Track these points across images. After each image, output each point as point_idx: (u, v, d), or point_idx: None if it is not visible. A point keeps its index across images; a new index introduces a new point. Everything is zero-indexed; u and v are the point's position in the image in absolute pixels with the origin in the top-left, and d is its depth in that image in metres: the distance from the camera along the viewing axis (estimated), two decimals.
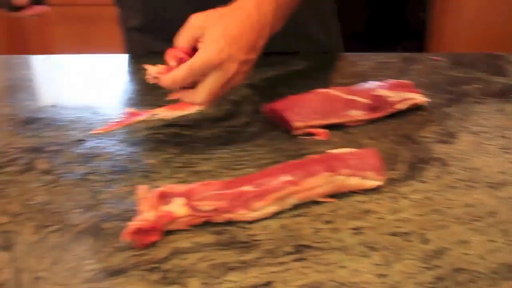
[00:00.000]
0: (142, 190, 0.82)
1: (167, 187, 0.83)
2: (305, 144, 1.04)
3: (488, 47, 3.16)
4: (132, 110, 1.01)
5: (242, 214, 0.83)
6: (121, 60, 1.36)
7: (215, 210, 0.83)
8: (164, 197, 0.82)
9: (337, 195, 0.90)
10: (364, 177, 0.90)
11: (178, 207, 0.81)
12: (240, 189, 0.84)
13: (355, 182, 0.90)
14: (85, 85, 1.25)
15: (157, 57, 1.06)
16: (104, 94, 1.21)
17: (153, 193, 0.82)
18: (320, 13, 1.49)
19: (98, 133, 1.01)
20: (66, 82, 1.27)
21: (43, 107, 1.14)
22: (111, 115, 1.12)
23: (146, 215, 0.80)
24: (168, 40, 1.04)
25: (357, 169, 0.90)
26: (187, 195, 0.83)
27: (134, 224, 0.79)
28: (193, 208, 0.82)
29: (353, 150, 0.94)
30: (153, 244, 0.79)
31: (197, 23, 1.01)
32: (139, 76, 1.28)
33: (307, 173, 0.87)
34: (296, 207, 0.87)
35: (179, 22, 1.07)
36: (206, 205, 0.82)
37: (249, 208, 0.83)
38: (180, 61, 0.97)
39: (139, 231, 0.78)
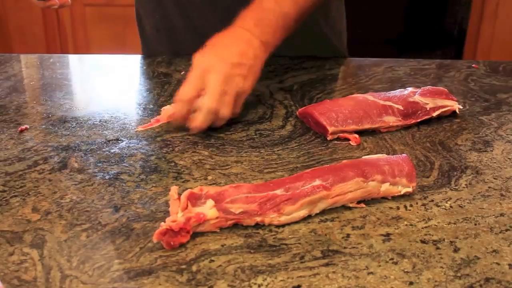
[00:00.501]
0: (173, 191, 0.83)
1: (198, 188, 0.83)
2: (338, 149, 1.03)
3: None
4: (169, 108, 1.03)
5: (272, 217, 0.83)
6: (152, 61, 1.37)
7: (245, 212, 0.83)
8: (195, 199, 0.82)
9: (368, 201, 0.89)
10: (395, 184, 0.90)
11: (208, 209, 0.81)
12: (271, 193, 0.84)
13: (386, 188, 0.90)
14: (119, 85, 1.26)
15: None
16: (137, 94, 1.22)
17: (184, 194, 0.82)
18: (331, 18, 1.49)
19: (141, 130, 1.03)
20: (101, 82, 1.28)
21: (77, 107, 1.15)
22: (143, 115, 1.13)
23: (176, 216, 0.80)
24: (181, 41, 1.06)
25: (389, 175, 0.90)
26: (217, 197, 0.83)
27: (164, 225, 0.79)
28: (223, 211, 0.82)
29: (385, 156, 0.94)
30: (182, 245, 0.80)
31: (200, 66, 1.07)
32: (163, 78, 1.28)
33: (339, 178, 0.87)
34: (325, 212, 0.87)
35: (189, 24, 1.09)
36: (236, 208, 0.82)
37: (280, 211, 0.83)
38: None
39: (169, 232, 0.79)
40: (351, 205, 0.88)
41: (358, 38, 2.01)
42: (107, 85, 1.26)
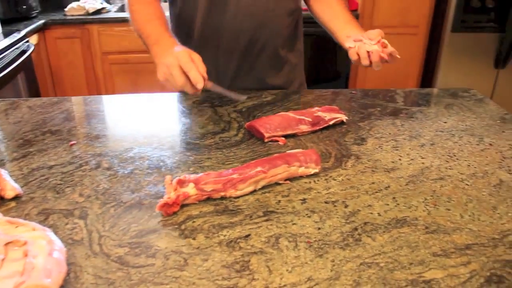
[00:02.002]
0: (168, 179, 0.82)
1: (183, 176, 0.83)
2: (271, 147, 1.03)
3: (385, 84, 3.20)
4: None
5: (231, 192, 0.83)
6: (157, 98, 1.36)
7: (214, 190, 0.82)
8: (181, 183, 0.82)
9: (291, 179, 0.90)
10: (308, 167, 0.90)
11: (190, 189, 0.81)
12: (230, 177, 0.84)
13: (302, 170, 0.90)
14: (132, 114, 1.24)
15: None
16: (143, 118, 1.21)
17: (174, 180, 0.82)
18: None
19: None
20: (121, 112, 1.27)
21: (106, 128, 1.14)
22: (147, 132, 1.11)
23: (170, 195, 0.79)
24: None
25: (303, 162, 0.90)
26: (196, 181, 0.82)
27: (162, 200, 0.78)
28: (200, 190, 0.81)
29: (301, 150, 0.94)
30: (174, 213, 0.79)
31: None
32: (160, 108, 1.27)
33: (272, 165, 0.87)
34: (265, 187, 0.87)
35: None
36: (208, 187, 0.82)
37: (236, 188, 0.83)
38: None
39: (166, 205, 0.78)
40: (280, 182, 0.88)
41: None
42: (124, 114, 1.25)
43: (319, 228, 0.75)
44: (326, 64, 3.33)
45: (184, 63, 1.02)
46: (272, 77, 1.43)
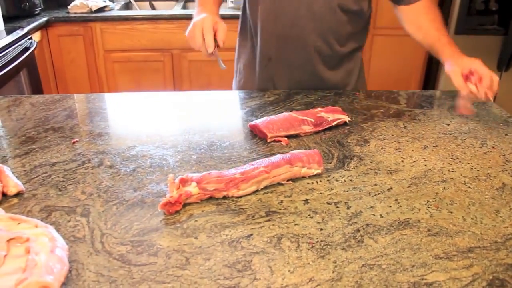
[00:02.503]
0: (170, 177, 0.82)
1: (186, 175, 0.83)
2: (274, 147, 1.03)
3: (387, 86, 3.19)
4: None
5: (233, 192, 0.83)
6: (160, 96, 1.36)
7: (216, 189, 0.82)
8: (184, 182, 0.82)
9: (293, 179, 0.90)
10: (310, 168, 0.90)
11: (192, 188, 0.81)
12: (232, 176, 0.84)
13: (305, 171, 0.90)
14: (134, 112, 1.25)
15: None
16: (144, 116, 1.21)
17: (177, 179, 0.82)
18: None
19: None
20: (123, 110, 1.27)
21: (109, 126, 1.14)
22: (149, 130, 1.11)
23: (172, 193, 0.79)
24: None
25: (306, 163, 0.90)
26: (198, 180, 0.82)
27: (165, 199, 0.78)
28: (202, 189, 0.81)
29: (304, 150, 0.94)
30: (177, 212, 0.79)
31: None
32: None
33: (274, 165, 0.87)
34: (267, 187, 0.87)
35: None
36: (210, 186, 0.82)
37: (238, 188, 0.83)
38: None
39: (168, 204, 0.78)
40: (283, 182, 0.88)
41: None
42: (127, 112, 1.25)
43: (321, 229, 0.75)
44: None
45: (206, 27, 1.13)
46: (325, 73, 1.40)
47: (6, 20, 2.64)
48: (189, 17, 2.40)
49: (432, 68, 3.25)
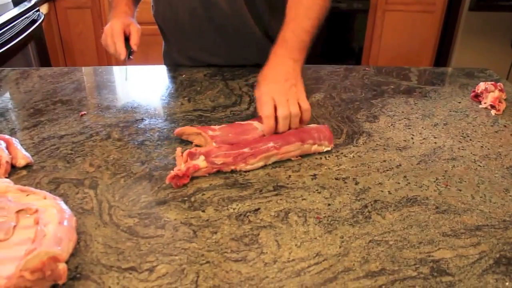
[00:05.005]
0: (178, 150, 0.82)
1: (194, 149, 0.83)
2: None
3: (398, 62, 3.16)
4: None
5: (241, 166, 0.83)
6: (168, 70, 1.35)
7: (224, 163, 0.82)
8: (192, 155, 0.82)
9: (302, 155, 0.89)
10: (321, 145, 0.90)
11: (200, 161, 0.81)
12: (241, 151, 0.84)
13: (315, 148, 0.90)
14: (144, 85, 1.24)
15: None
16: (155, 90, 1.21)
17: (185, 152, 0.82)
18: None
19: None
20: (132, 83, 1.26)
21: (117, 99, 1.14)
22: (160, 103, 1.11)
23: (180, 167, 0.79)
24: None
25: (317, 140, 0.89)
26: (206, 154, 0.82)
27: (172, 172, 0.79)
28: (210, 162, 0.82)
29: (315, 126, 0.93)
30: (184, 185, 0.79)
31: None
32: (173, 79, 1.27)
33: (285, 142, 0.87)
34: (275, 162, 0.87)
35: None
36: (218, 160, 0.82)
37: (246, 162, 0.83)
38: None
39: (176, 177, 0.78)
40: (293, 159, 0.88)
41: None
42: (136, 85, 1.24)
43: (329, 204, 0.75)
44: (339, 39, 3.30)
45: (115, 33, 1.08)
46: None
47: None
48: None
49: (444, 45, 3.20)
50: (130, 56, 1.10)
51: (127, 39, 1.12)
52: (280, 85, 0.92)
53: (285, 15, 1.03)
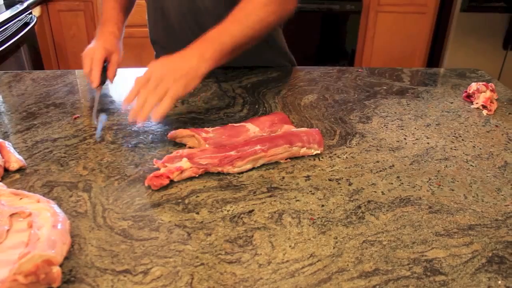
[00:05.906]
0: (156, 163, 0.82)
1: (176, 152, 0.84)
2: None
3: (391, 63, 3.17)
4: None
5: (228, 168, 0.83)
6: None
7: (209, 164, 0.82)
8: (172, 159, 0.82)
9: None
10: (310, 148, 0.90)
11: (184, 163, 0.81)
12: (227, 154, 0.83)
13: (304, 151, 0.90)
14: None
15: None
16: None
17: (165, 158, 0.83)
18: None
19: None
20: (125, 86, 1.26)
21: (110, 102, 1.14)
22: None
23: (161, 170, 0.80)
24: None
25: (306, 143, 0.89)
26: (189, 156, 0.82)
27: (151, 174, 0.79)
28: (195, 163, 0.81)
29: (305, 129, 0.93)
30: (177, 188, 0.79)
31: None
32: None
33: (273, 144, 0.86)
34: (269, 163, 0.87)
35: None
36: (203, 161, 0.82)
37: (233, 165, 0.83)
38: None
39: (153, 178, 0.78)
40: (281, 161, 0.88)
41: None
42: (128, 88, 1.24)
43: (322, 205, 0.76)
44: (332, 41, 3.31)
45: (95, 59, 1.06)
46: None
47: None
48: None
49: (436, 46, 3.22)
50: (102, 85, 1.08)
51: (105, 66, 1.09)
52: (165, 69, 0.90)
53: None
